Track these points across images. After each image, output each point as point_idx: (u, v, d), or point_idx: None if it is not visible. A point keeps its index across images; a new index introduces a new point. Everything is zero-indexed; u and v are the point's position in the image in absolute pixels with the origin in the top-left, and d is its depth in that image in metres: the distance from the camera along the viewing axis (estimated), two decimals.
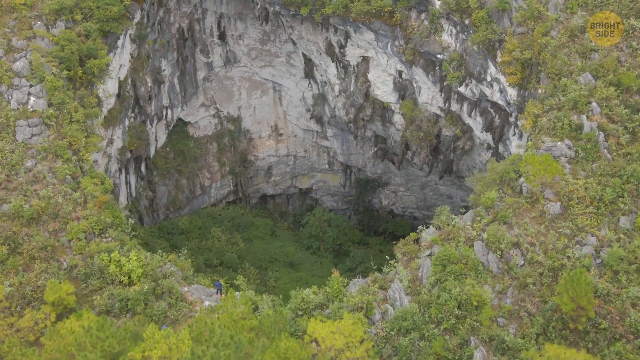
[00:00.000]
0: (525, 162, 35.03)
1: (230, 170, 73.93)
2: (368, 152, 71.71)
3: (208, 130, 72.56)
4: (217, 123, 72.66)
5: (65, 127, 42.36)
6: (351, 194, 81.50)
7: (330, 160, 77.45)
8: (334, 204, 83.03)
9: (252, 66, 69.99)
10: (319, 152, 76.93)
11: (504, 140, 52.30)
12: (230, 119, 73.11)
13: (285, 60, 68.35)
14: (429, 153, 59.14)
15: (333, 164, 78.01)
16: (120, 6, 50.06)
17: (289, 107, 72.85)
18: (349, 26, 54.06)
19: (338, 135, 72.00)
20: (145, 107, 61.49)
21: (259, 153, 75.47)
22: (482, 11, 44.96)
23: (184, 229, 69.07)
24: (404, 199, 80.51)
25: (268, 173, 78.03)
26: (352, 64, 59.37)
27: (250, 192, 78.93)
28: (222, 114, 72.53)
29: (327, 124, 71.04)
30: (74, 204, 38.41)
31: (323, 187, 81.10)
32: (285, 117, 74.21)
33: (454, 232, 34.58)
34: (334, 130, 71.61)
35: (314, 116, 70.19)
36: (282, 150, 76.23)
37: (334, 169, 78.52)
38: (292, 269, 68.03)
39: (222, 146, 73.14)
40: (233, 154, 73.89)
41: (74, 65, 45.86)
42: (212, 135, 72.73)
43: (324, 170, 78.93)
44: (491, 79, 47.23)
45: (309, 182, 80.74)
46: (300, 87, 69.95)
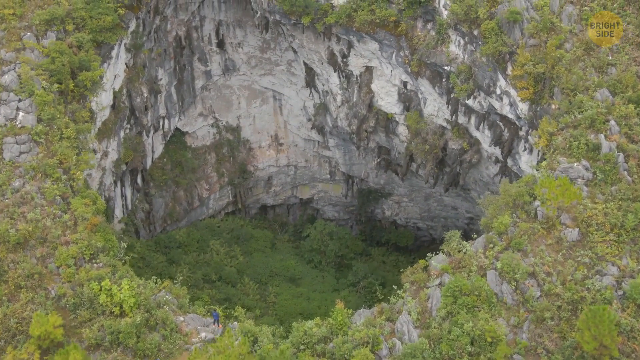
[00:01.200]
0: (540, 186, 33.03)
1: (229, 181, 71.94)
2: (371, 162, 69.73)
3: (206, 140, 70.57)
4: (215, 133, 70.68)
5: (56, 144, 40.35)
6: (353, 204, 79.52)
7: (331, 170, 75.47)
8: (336, 214, 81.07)
9: (251, 74, 68.02)
10: (320, 162, 74.95)
11: (513, 155, 50.31)
12: (229, 128, 71.13)
13: (286, 69, 66.36)
14: (434, 166, 57.12)
15: (335, 174, 76.03)
16: (114, 15, 48.07)
17: (290, 117, 70.87)
18: (352, 36, 52.07)
19: (340, 145, 70.01)
20: (141, 118, 59.52)
21: (259, 163, 73.47)
22: (492, 22, 42.96)
23: (181, 242, 67.07)
24: (407, 209, 78.54)
25: (268, 183, 76.04)
26: (355, 74, 57.38)
27: (250, 202, 76.96)
28: (220, 123, 70.54)
29: (329, 134, 69.05)
30: (64, 227, 36.41)
31: (324, 198, 79.12)
32: (286, 126, 72.23)
33: (465, 260, 32.60)
34: (336, 141, 69.62)
35: (315, 126, 68.19)
36: (283, 160, 74.24)
37: (335, 179, 76.55)
38: (292, 284, 66.03)
39: (220, 156, 71.15)
40: (232, 164, 71.90)
41: (65, 78, 43.84)
42: (210, 146, 70.73)
43: (325, 181, 76.96)
44: (501, 92, 45.24)
45: (310, 192, 78.74)
46: (301, 96, 67.96)
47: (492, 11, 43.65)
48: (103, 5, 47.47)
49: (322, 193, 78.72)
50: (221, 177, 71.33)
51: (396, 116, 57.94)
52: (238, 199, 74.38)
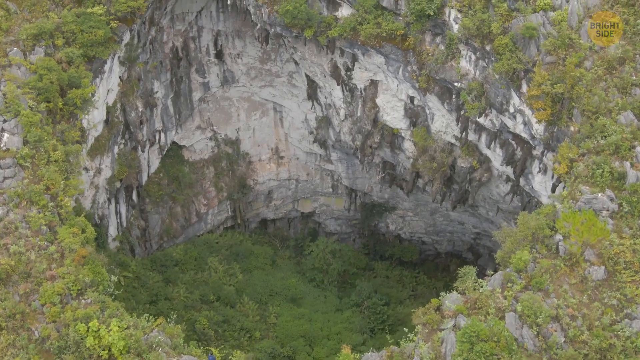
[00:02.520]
0: (563, 220, 30.58)
1: (228, 196, 69.46)
2: (375, 177, 67.26)
3: (204, 154, 68.11)
4: (214, 146, 68.21)
5: (42, 169, 37.87)
6: (356, 217, 77.05)
7: (334, 183, 73.00)
8: (338, 228, 78.62)
9: (251, 86, 65.55)
10: (323, 176, 72.47)
11: (525, 174, 47.86)
12: (228, 141, 68.64)
13: (287, 81, 63.88)
14: (442, 184, 54.66)
15: (337, 187, 73.56)
16: (107, 29, 45.59)
17: (291, 129, 68.39)
18: (357, 49, 49.60)
19: (343, 159, 67.54)
20: (136, 133, 57.06)
21: (259, 177, 70.98)
22: (505, 37, 40.48)
23: (178, 260, 64.61)
24: (412, 223, 76.12)
25: (268, 197, 73.56)
26: (359, 88, 54.90)
27: (250, 217, 74.49)
28: (219, 136, 68.07)
29: (332, 148, 66.58)
30: (49, 260, 33.94)
31: (326, 211, 76.64)
32: (287, 139, 69.77)
33: (481, 300, 30.14)
34: (339, 154, 67.15)
35: (317, 140, 65.70)
36: (284, 173, 71.74)
37: (338, 193, 74.07)
38: (294, 304, 63.55)
39: (219, 170, 68.68)
40: (231, 178, 69.43)
41: (54, 96, 41.37)
42: (208, 159, 68.26)
43: (327, 194, 74.48)
44: (514, 111, 42.78)
45: (312, 206, 76.26)
46: (302, 108, 65.49)
47: (506, 26, 41.20)
48: (94, 18, 44.98)
49: (324, 207, 76.27)
50: (220, 192, 68.89)
51: (402, 131, 55.49)
52: (237, 214, 71.92)
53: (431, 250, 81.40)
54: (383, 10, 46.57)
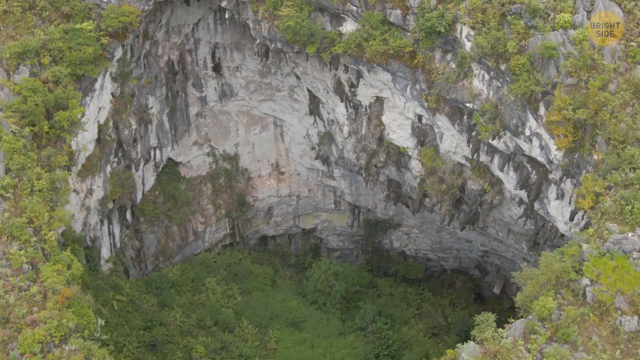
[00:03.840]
0: (592, 265, 27.89)
1: (226, 214, 66.73)
2: (379, 194, 64.53)
3: (202, 170, 65.36)
4: (211, 162, 65.47)
5: (25, 200, 35.23)
6: (359, 233, 74.33)
7: (336, 200, 70.25)
8: (340, 244, 75.89)
9: (250, 100, 62.84)
10: (325, 192, 69.73)
11: (541, 199, 45.22)
12: (227, 157, 65.89)
13: (288, 95, 61.16)
14: (451, 206, 51.93)
15: (340, 203, 70.81)
16: (97, 46, 42.98)
17: (292, 144, 65.66)
18: (362, 66, 46.91)
19: (346, 175, 64.79)
20: (130, 151, 54.39)
21: (258, 194, 68.25)
22: (522, 57, 37.78)
23: (174, 282, 61.90)
24: (417, 240, 73.42)
25: (268, 214, 70.82)
26: (363, 104, 52.16)
27: (249, 234, 71.77)
28: (217, 152, 65.34)
29: (334, 164, 63.83)
30: (30, 303, 31.26)
31: (328, 227, 73.90)
32: (288, 154, 67.04)
33: (502, 354, 27.45)
34: (342, 171, 64.41)
35: (319, 156, 62.94)
36: (284, 190, 69.00)
37: (340, 209, 71.33)
38: (295, 328, 60.84)
39: (217, 187, 65.95)
40: (230, 195, 66.70)
41: (39, 119, 38.73)
42: (206, 176, 65.51)
43: (329, 210, 71.76)
44: (531, 134, 40.12)
45: (313, 222, 73.51)
46: (304, 123, 62.75)
47: (523, 44, 38.51)
48: (83, 34, 42.35)
49: (326, 223, 73.54)
50: (218, 210, 66.16)
51: (409, 150, 52.78)
52: (236, 232, 69.19)
53: (437, 267, 78.78)
54: (390, 25, 43.85)
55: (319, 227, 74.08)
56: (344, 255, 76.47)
